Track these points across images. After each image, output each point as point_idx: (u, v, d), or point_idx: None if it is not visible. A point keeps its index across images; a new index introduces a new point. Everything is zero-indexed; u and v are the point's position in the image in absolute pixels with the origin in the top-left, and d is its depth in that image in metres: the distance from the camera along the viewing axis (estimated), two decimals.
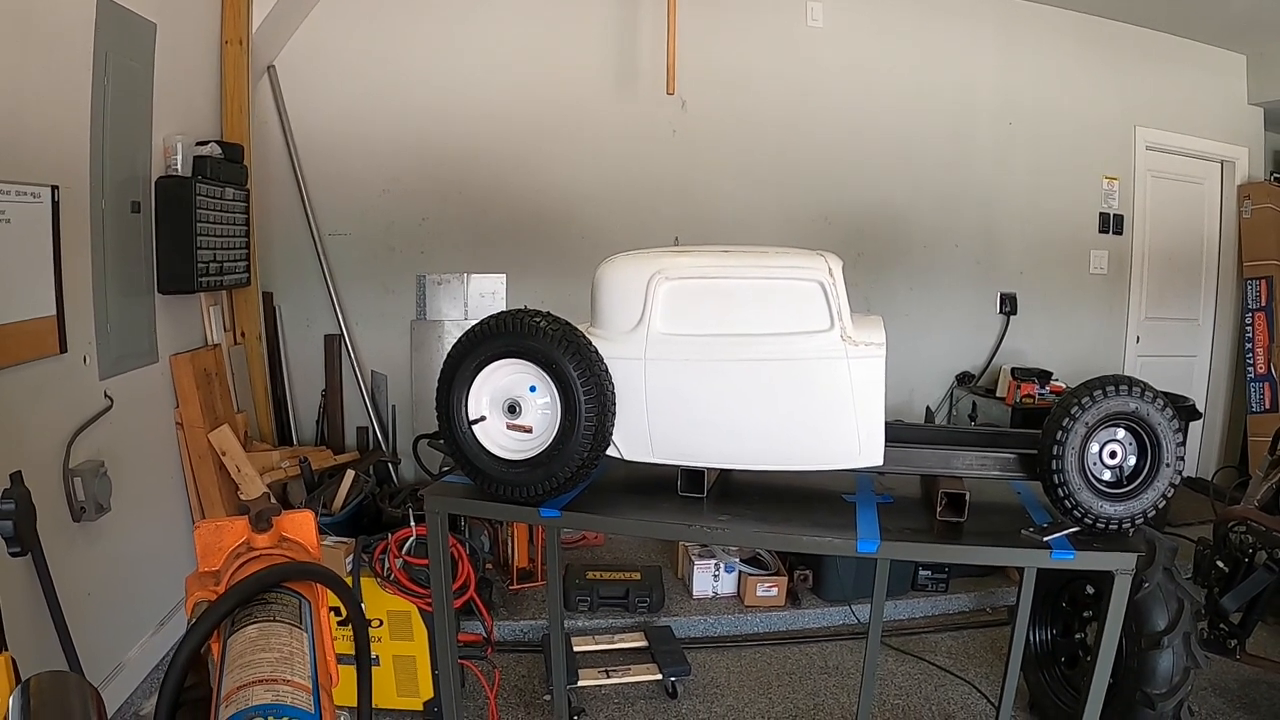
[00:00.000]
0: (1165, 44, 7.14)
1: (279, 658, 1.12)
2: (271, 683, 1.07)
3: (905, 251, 6.74)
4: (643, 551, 5.76)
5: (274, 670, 1.09)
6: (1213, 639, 4.03)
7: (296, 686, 1.08)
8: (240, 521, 1.36)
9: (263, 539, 1.36)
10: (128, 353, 4.07)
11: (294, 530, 1.42)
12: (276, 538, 1.38)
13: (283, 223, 5.72)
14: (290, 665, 1.12)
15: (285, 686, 1.07)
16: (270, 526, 1.37)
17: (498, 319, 2.36)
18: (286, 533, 1.41)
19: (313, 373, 5.86)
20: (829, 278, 2.30)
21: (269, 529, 1.37)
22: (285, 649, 1.15)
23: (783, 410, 2.35)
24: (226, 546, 1.36)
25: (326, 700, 1.13)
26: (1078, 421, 2.25)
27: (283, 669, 1.10)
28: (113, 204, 3.93)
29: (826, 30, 6.44)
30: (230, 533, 1.36)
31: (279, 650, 1.13)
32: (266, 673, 1.08)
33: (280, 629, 1.18)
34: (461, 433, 2.37)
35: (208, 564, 1.36)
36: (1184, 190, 7.49)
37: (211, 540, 1.36)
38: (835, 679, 4.52)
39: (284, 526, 1.40)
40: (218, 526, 1.37)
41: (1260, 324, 7.21)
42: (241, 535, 1.36)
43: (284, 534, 1.40)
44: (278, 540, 1.39)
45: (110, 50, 3.82)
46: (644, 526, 2.60)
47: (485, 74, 5.92)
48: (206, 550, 1.36)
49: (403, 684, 3.91)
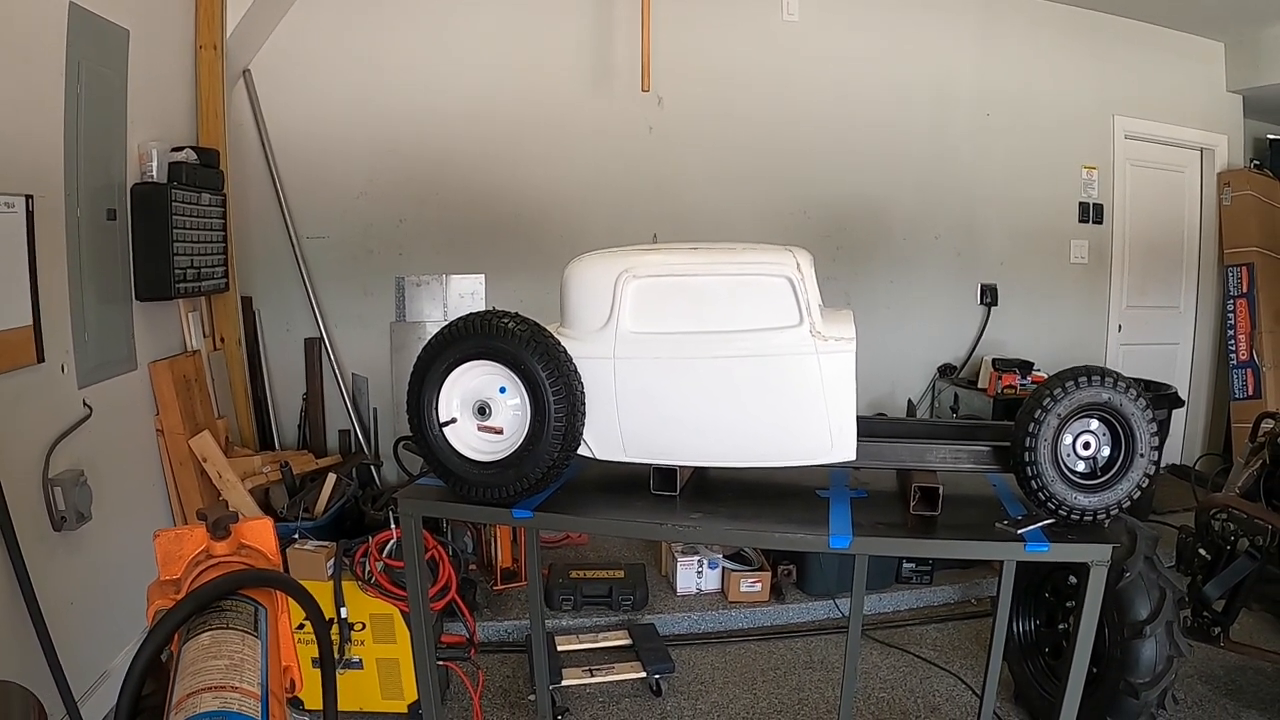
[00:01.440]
0: (1143, 33, 7.15)
1: (229, 665, 1.13)
2: (220, 690, 1.07)
3: (885, 244, 6.74)
4: (626, 549, 5.76)
5: (223, 677, 1.10)
6: (1196, 627, 4.04)
7: (245, 693, 1.09)
8: (200, 529, 1.37)
9: (221, 546, 1.36)
10: (106, 361, 4.05)
11: (253, 537, 1.42)
12: (235, 545, 1.39)
13: (260, 227, 5.70)
14: (240, 673, 1.12)
15: (233, 694, 1.08)
16: (228, 534, 1.37)
17: (466, 320, 2.34)
18: (245, 540, 1.41)
19: (293, 377, 5.84)
20: (797, 273, 2.28)
21: (227, 536, 1.37)
22: (237, 656, 1.15)
23: (753, 407, 2.34)
24: (186, 554, 1.37)
25: (276, 707, 1.14)
26: (1050, 413, 2.25)
27: (232, 676, 1.10)
28: (88, 212, 3.91)
29: (803, 23, 6.43)
30: (190, 541, 1.37)
31: (230, 658, 1.14)
32: (216, 680, 1.09)
33: (233, 636, 1.19)
34: (433, 435, 2.36)
35: (168, 572, 1.37)
36: (1164, 178, 7.50)
37: (171, 548, 1.37)
38: (820, 673, 4.53)
39: (242, 533, 1.41)
40: (177, 535, 1.37)
41: (1242, 310, 7.23)
42: (201, 543, 1.36)
43: (243, 541, 1.41)
44: (236, 547, 1.39)
45: (83, 58, 3.80)
46: (616, 526, 2.59)
47: (461, 74, 5.91)
48: (167, 558, 1.37)
49: (387, 687, 3.91)
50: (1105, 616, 3.54)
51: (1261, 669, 4.41)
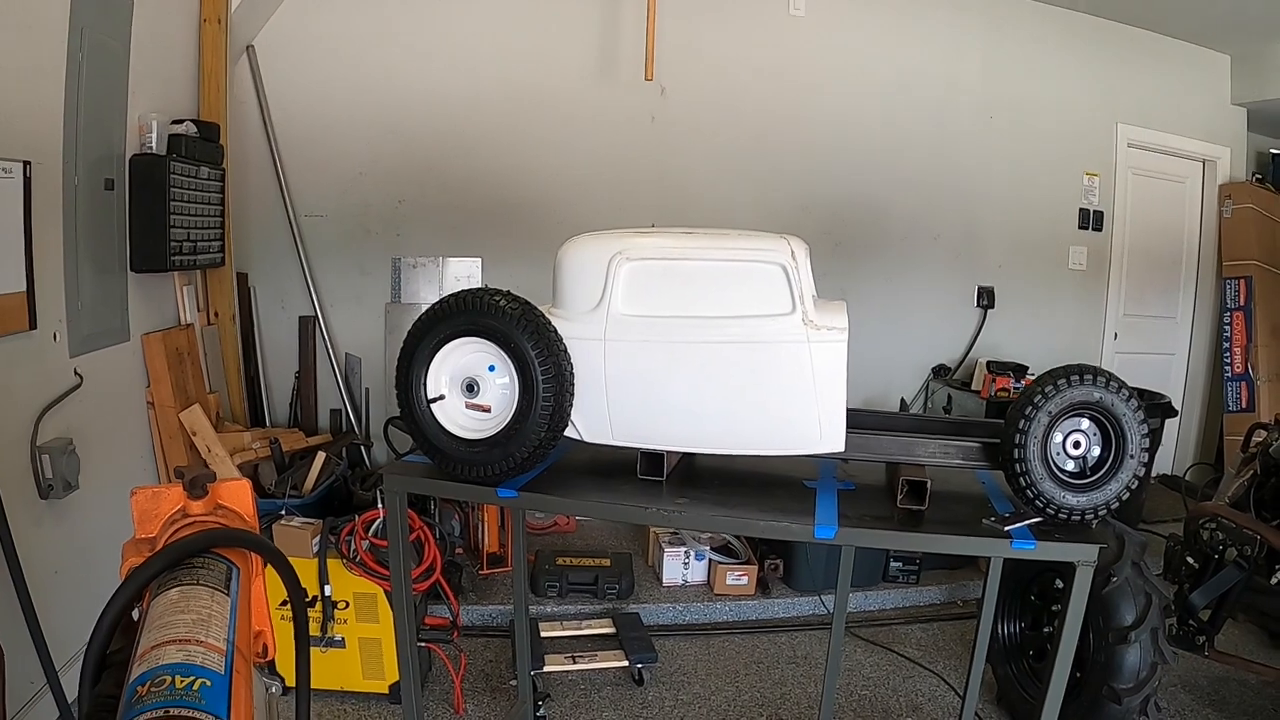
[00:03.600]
0: (1149, 42, 7.13)
1: (196, 619, 1.12)
2: (184, 643, 1.07)
3: (883, 242, 6.72)
4: (614, 539, 5.75)
5: (189, 631, 1.09)
6: (1182, 635, 4.03)
7: (209, 648, 1.08)
8: (177, 488, 1.35)
9: (198, 506, 1.35)
10: (99, 330, 4.03)
11: (230, 498, 1.41)
12: (212, 505, 1.38)
13: (259, 204, 5.67)
14: (206, 627, 1.11)
15: (198, 647, 1.07)
16: (205, 493, 1.36)
17: (457, 297, 2.33)
18: (223, 501, 1.41)
19: (287, 354, 5.81)
20: (791, 261, 2.27)
21: (204, 495, 1.36)
22: (204, 611, 1.14)
23: (743, 394, 2.33)
24: (163, 513, 1.35)
25: (242, 664, 1.13)
26: (1040, 410, 2.24)
27: (198, 630, 1.10)
28: (86, 181, 3.88)
29: (809, 19, 6.40)
30: (166, 500, 1.35)
31: (197, 613, 1.13)
32: (181, 633, 1.08)
33: (202, 592, 1.18)
34: (420, 411, 2.35)
35: (144, 530, 1.35)
36: (1165, 188, 7.48)
37: (148, 507, 1.35)
38: (803, 668, 4.52)
39: (220, 494, 1.40)
40: (154, 493, 1.36)
41: (1238, 323, 7.23)
42: (178, 502, 1.35)
43: (220, 502, 1.40)
44: (213, 508, 1.38)
45: (86, 26, 3.77)
46: (601, 508, 2.58)
47: (465, 57, 5.87)
48: (143, 517, 1.35)
49: (369, 667, 3.90)
50: (1090, 621, 3.53)
51: (1245, 680, 4.41)
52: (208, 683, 1.02)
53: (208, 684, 1.02)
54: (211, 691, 1.02)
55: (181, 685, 0.99)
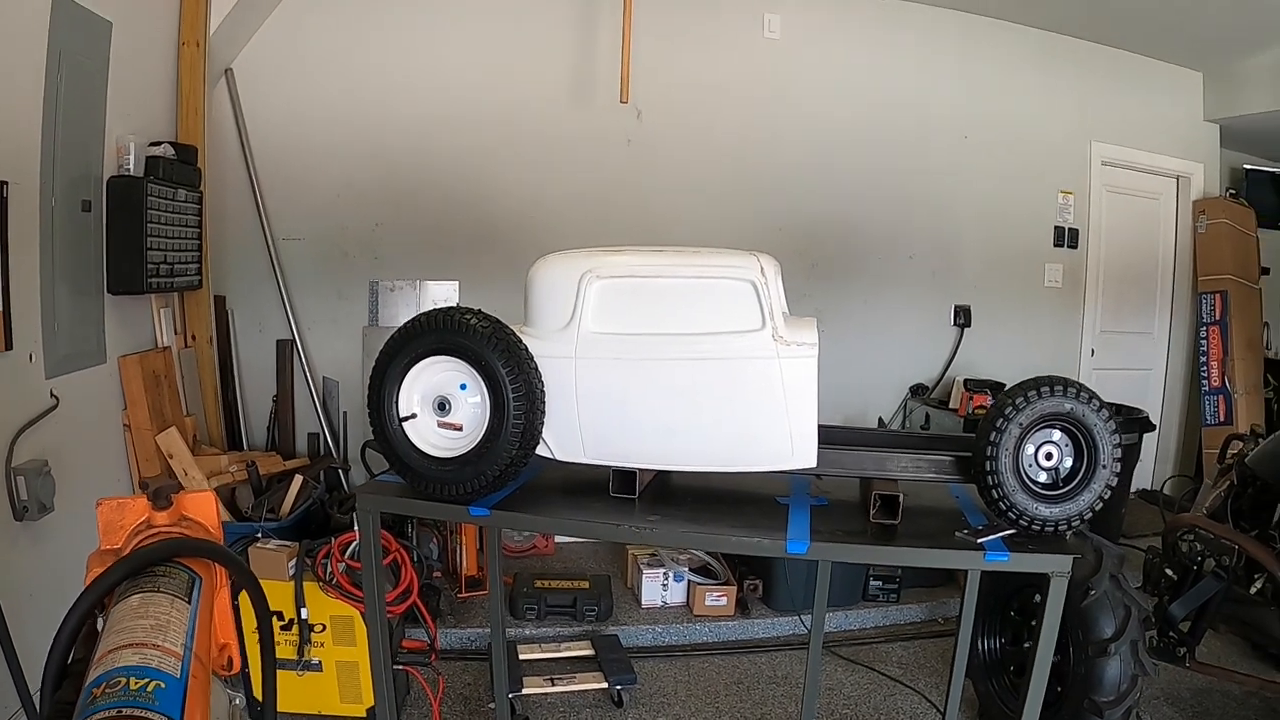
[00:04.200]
0: (1122, 61, 7.20)
1: (154, 625, 1.13)
2: (141, 646, 1.08)
3: (860, 263, 6.74)
4: (592, 561, 5.74)
5: (146, 636, 1.10)
6: (1162, 647, 4.03)
7: (166, 652, 1.09)
8: (141, 500, 1.36)
9: (162, 517, 1.36)
10: (75, 352, 4.01)
11: (195, 510, 1.42)
12: (177, 516, 1.39)
13: (236, 226, 5.65)
14: (164, 633, 1.12)
15: (154, 651, 1.08)
16: (170, 504, 1.37)
17: (429, 316, 2.34)
18: (187, 512, 1.42)
19: (264, 378, 5.78)
20: (761, 277, 2.28)
21: (168, 506, 1.37)
22: (163, 617, 1.15)
23: (713, 410, 2.33)
24: (128, 524, 1.36)
25: (200, 670, 1.14)
26: (1012, 422, 2.25)
27: (155, 635, 1.11)
28: (63, 202, 3.87)
29: (784, 42, 6.44)
30: (131, 511, 1.37)
31: (156, 618, 1.14)
32: (139, 638, 1.09)
33: (162, 599, 1.19)
34: (392, 430, 2.35)
35: (109, 542, 1.36)
36: (1140, 205, 7.54)
37: (113, 518, 1.36)
38: (784, 688, 4.51)
39: (184, 505, 1.41)
40: (119, 504, 1.37)
41: (1214, 338, 7.29)
42: (143, 514, 1.36)
43: (185, 513, 1.41)
44: (178, 519, 1.39)
45: (65, 47, 3.77)
46: (573, 526, 2.57)
47: (442, 81, 5.89)
48: (108, 528, 1.36)
49: (346, 690, 3.86)
50: (1070, 635, 3.53)
51: (1228, 692, 4.41)
52: (162, 685, 1.03)
53: (162, 686, 1.03)
54: (166, 694, 1.02)
55: (136, 687, 1.00)
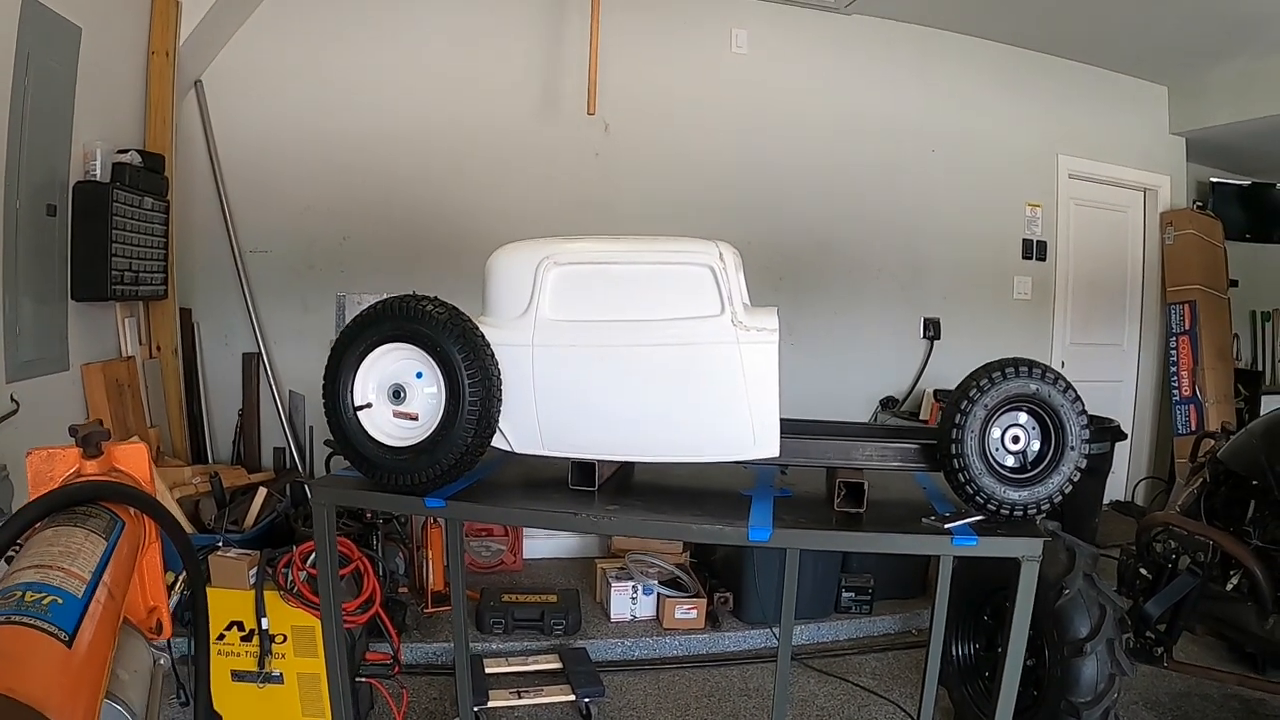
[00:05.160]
0: (1087, 75, 7.26)
1: (63, 551, 1.12)
2: (45, 568, 1.07)
3: (829, 277, 6.72)
4: (562, 576, 5.66)
5: (53, 560, 1.09)
6: (1139, 648, 3.98)
7: (70, 574, 1.08)
8: (73, 450, 1.36)
9: (92, 466, 1.36)
10: (37, 358, 3.96)
11: (127, 462, 1.43)
12: (108, 467, 1.39)
13: (204, 239, 5.59)
14: (72, 559, 1.11)
15: (58, 572, 1.07)
16: (100, 452, 1.36)
17: (385, 303, 2.31)
18: (119, 464, 1.42)
19: (230, 391, 5.70)
20: (720, 262, 2.25)
21: (99, 454, 1.36)
22: (74, 547, 1.14)
23: (673, 398, 2.29)
24: (58, 475, 1.36)
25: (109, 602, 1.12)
26: (977, 404, 2.21)
27: (63, 560, 1.10)
28: (28, 206, 3.84)
29: (751, 57, 6.45)
30: (62, 461, 1.36)
31: (66, 546, 1.14)
32: (45, 561, 1.09)
33: (77, 532, 1.18)
34: (347, 419, 2.29)
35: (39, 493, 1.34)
36: (1107, 217, 7.59)
37: (43, 468, 1.36)
38: (755, 700, 4.44)
39: (116, 457, 1.42)
40: (49, 455, 1.37)
41: (1184, 348, 7.33)
42: (73, 464, 1.36)
43: (116, 464, 1.41)
44: (109, 469, 1.39)
45: (32, 50, 3.75)
46: (528, 515, 2.52)
47: (410, 96, 5.87)
48: (38, 479, 1.36)
49: (308, 703, 3.76)
50: (1044, 636, 3.49)
51: (1208, 695, 4.37)
52: (59, 600, 1.02)
53: (59, 601, 1.02)
54: (62, 609, 1.01)
55: (30, 600, 1.00)
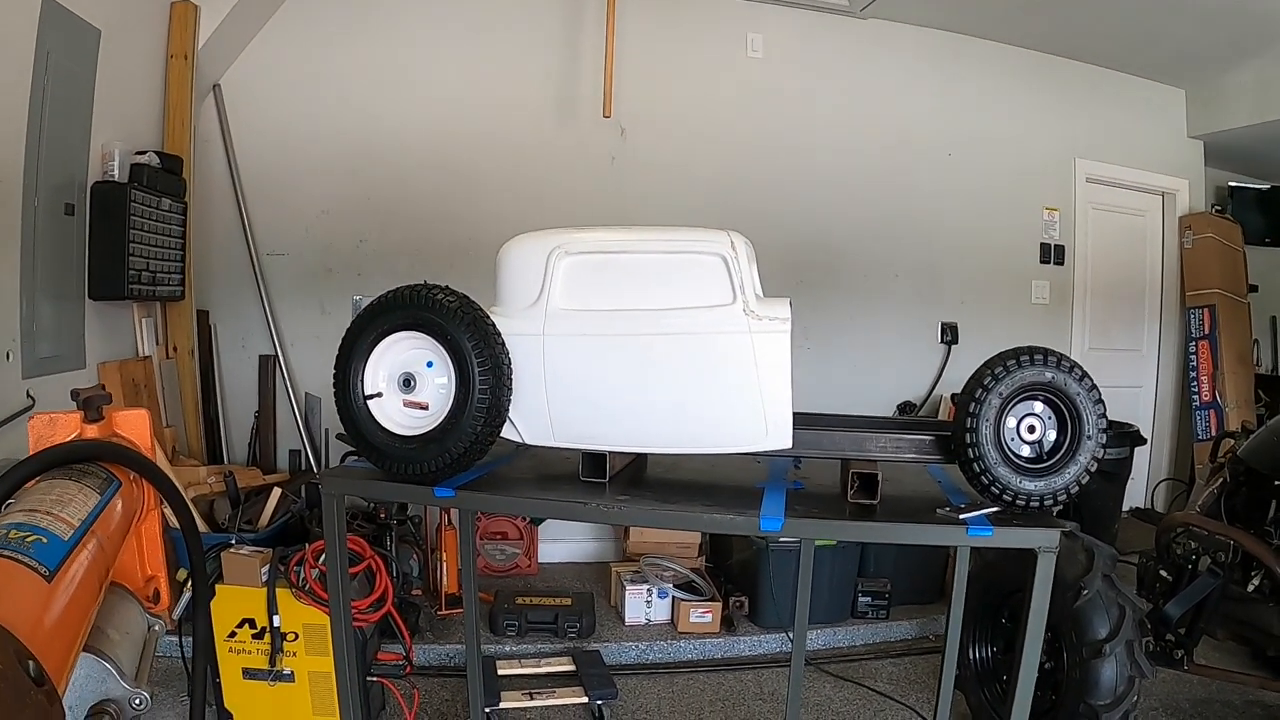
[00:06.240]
0: (1105, 79, 7.22)
1: (54, 500, 1.13)
2: (33, 511, 1.07)
3: (846, 282, 6.69)
4: (577, 579, 5.65)
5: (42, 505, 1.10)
6: (1159, 651, 3.93)
7: (59, 519, 1.08)
8: (74, 415, 1.37)
9: (93, 430, 1.36)
10: (54, 355, 4.00)
11: (127, 428, 1.44)
12: (109, 430, 1.40)
13: (222, 241, 5.63)
14: (63, 506, 1.12)
15: (45, 516, 1.07)
16: (101, 416, 1.37)
17: (397, 292, 2.30)
18: (119, 429, 1.43)
19: (247, 393, 5.73)
20: (731, 251, 2.24)
21: (99, 418, 1.37)
22: (65, 496, 1.15)
23: (685, 388, 2.26)
24: (59, 439, 1.36)
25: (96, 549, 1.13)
26: (992, 393, 2.19)
27: (53, 506, 1.11)
28: (46, 205, 3.88)
29: (767, 61, 6.44)
30: (63, 426, 1.37)
31: (58, 496, 1.14)
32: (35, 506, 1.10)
33: (71, 485, 1.19)
34: (357, 408, 2.29)
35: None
36: (1126, 221, 7.53)
37: (44, 432, 1.36)
38: (770, 705, 4.40)
39: (117, 423, 1.43)
40: (51, 419, 1.37)
41: (1204, 352, 7.27)
42: (75, 429, 1.36)
43: (116, 430, 1.43)
44: (110, 434, 1.40)
45: (52, 51, 3.80)
46: (538, 505, 2.51)
47: (427, 99, 5.89)
48: (40, 442, 1.35)
49: (319, 702, 3.75)
50: (1063, 638, 3.43)
51: (1229, 701, 4.31)
52: (43, 540, 1.02)
53: (43, 540, 1.02)
54: (45, 548, 1.01)
55: (15, 537, 1.00)
